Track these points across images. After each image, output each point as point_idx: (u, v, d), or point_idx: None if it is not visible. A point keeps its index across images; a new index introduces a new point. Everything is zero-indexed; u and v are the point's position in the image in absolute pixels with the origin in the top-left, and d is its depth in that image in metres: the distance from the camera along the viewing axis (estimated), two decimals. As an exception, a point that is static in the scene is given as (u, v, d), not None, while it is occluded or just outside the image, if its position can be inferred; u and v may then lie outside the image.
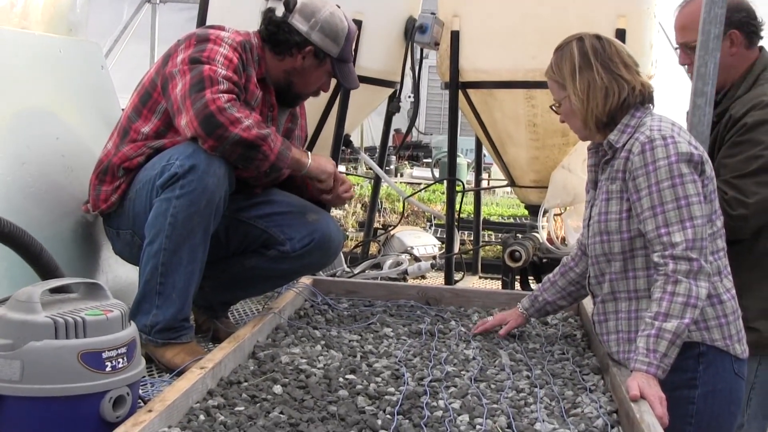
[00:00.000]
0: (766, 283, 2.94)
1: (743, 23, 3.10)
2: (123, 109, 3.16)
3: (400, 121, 8.56)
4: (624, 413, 2.21)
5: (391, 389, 2.37)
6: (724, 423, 2.48)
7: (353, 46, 3.21)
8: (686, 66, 3.22)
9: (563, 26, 4.37)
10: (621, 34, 4.24)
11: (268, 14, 3.12)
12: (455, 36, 4.48)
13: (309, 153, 3.05)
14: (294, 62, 3.11)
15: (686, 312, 2.26)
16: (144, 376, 2.69)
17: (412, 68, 4.77)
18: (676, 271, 2.29)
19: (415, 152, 15.62)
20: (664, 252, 2.32)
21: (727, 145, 3.02)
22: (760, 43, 3.16)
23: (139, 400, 2.20)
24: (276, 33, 3.08)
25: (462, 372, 2.59)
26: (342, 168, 11.08)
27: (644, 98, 2.52)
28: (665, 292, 2.29)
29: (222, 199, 2.84)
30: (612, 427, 2.16)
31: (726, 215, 2.90)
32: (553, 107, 2.67)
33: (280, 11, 3.10)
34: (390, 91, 4.95)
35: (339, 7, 3.20)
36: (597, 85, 2.47)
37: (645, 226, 2.38)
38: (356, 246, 5.76)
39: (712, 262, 2.40)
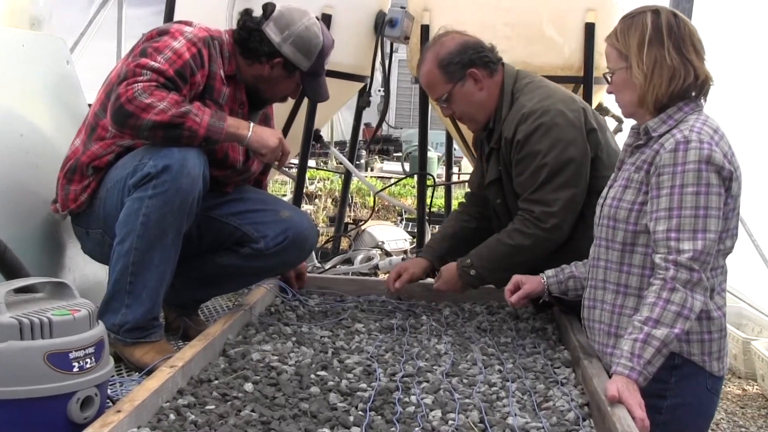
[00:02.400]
0: None
1: (475, 59, 3.16)
2: (90, 105, 3.11)
3: (370, 116, 8.53)
4: (595, 406, 2.22)
5: (363, 385, 2.36)
6: None
7: (326, 61, 3.16)
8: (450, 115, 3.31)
9: (533, 20, 4.42)
10: (590, 28, 4.26)
11: (244, 17, 3.08)
12: (425, 30, 4.47)
13: (251, 125, 2.92)
14: (262, 70, 3.06)
15: (677, 322, 2.19)
16: (113, 376, 2.67)
17: (383, 62, 4.76)
18: (675, 278, 2.22)
19: (385, 146, 15.62)
20: (668, 256, 2.25)
21: (513, 166, 3.11)
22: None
23: (109, 401, 2.17)
24: (247, 39, 3.03)
25: (434, 367, 2.59)
26: (312, 163, 11.06)
27: (701, 91, 2.41)
28: (660, 297, 2.22)
29: (195, 200, 2.80)
30: (583, 420, 2.16)
31: (542, 231, 3.01)
32: (606, 75, 2.53)
33: (256, 15, 3.07)
34: (360, 85, 4.94)
35: (319, 19, 3.15)
36: (666, 63, 2.34)
37: (656, 225, 2.30)
38: (327, 241, 5.75)
39: (709, 279, 2.32)
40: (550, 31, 4.34)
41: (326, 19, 4.28)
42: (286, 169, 4.74)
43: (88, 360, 1.97)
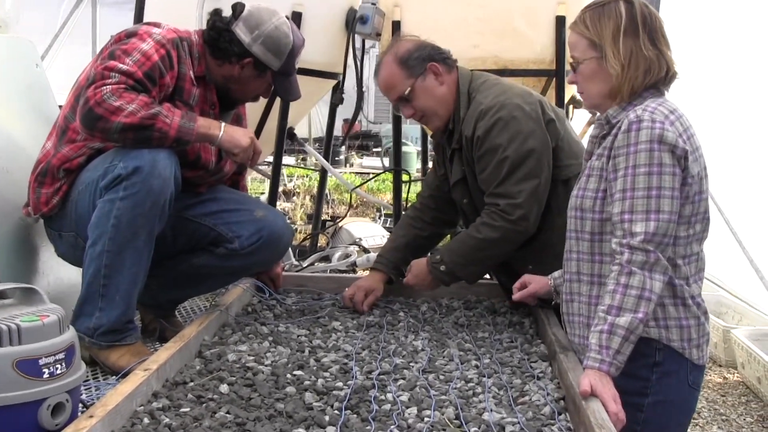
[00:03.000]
0: (557, 267, 2.84)
1: (434, 54, 3.20)
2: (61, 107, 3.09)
3: (349, 112, 8.48)
4: (571, 400, 2.22)
5: (340, 384, 2.36)
6: None
7: (297, 60, 3.15)
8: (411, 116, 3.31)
9: (504, 14, 4.43)
10: (561, 21, 4.26)
11: (213, 17, 3.07)
12: (396, 26, 4.46)
13: (223, 125, 2.93)
14: (232, 70, 3.05)
15: (640, 306, 2.17)
16: (88, 380, 2.66)
17: (354, 59, 4.75)
18: (631, 261, 2.20)
19: (364, 142, 15.58)
20: (622, 240, 2.23)
21: (476, 163, 3.12)
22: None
23: (82, 406, 2.15)
24: (217, 40, 3.02)
25: (411, 364, 2.59)
26: (291, 160, 11.03)
27: (667, 82, 2.39)
28: (618, 284, 2.20)
29: (167, 202, 2.78)
30: (559, 414, 2.16)
31: (509, 223, 3.01)
32: (572, 64, 2.47)
33: (226, 15, 3.05)
34: (333, 82, 4.93)
35: (289, 18, 3.14)
36: (642, 55, 2.30)
37: (613, 208, 2.29)
38: (304, 239, 5.73)
39: (680, 266, 2.31)
40: (521, 25, 4.35)
41: (296, 16, 4.27)
42: (263, 168, 4.73)
43: (59, 366, 1.95)
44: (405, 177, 4.98)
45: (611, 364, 2.15)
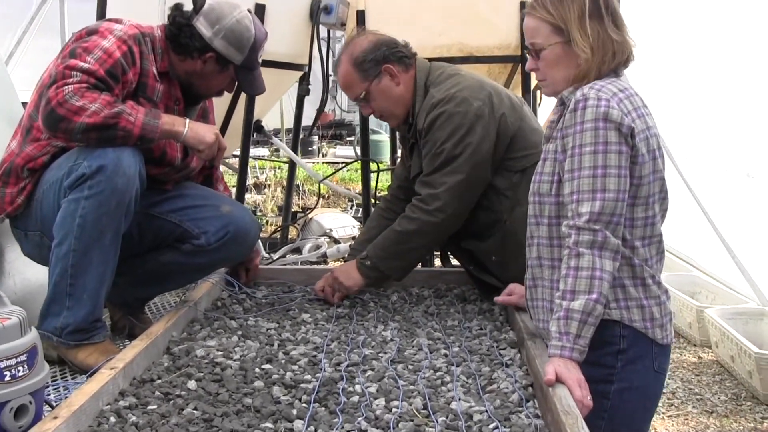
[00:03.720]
0: (521, 257, 2.79)
1: (389, 55, 3.20)
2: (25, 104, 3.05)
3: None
4: (538, 386, 2.22)
5: (308, 377, 2.36)
6: (638, 418, 2.43)
7: (260, 53, 3.13)
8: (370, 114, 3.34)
9: (468, 1, 4.42)
10: (525, 6, 4.26)
11: (174, 12, 3.04)
12: (361, 15, 4.46)
13: (188, 121, 2.89)
14: (194, 65, 3.03)
15: (593, 287, 2.16)
16: (56, 380, 2.65)
17: (320, 50, 4.74)
18: (578, 242, 2.19)
19: (338, 131, 15.54)
20: (570, 221, 2.22)
21: (423, 153, 3.15)
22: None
23: (48, 407, 2.14)
24: (178, 35, 2.99)
25: (380, 354, 2.59)
26: (264, 152, 10.99)
27: (626, 64, 2.37)
28: (569, 267, 2.19)
29: (132, 200, 2.76)
30: (527, 401, 2.17)
31: (424, 214, 3.05)
32: (533, 51, 2.40)
33: (187, 9, 3.03)
34: (300, 74, 4.91)
35: (251, 11, 3.12)
36: (609, 39, 2.28)
37: (564, 190, 2.28)
38: (275, 231, 5.72)
39: (638, 248, 2.29)
40: (485, 11, 4.35)
41: (260, 9, 4.25)
42: (231, 161, 4.71)
43: (21, 368, 1.94)
44: (374, 166, 4.97)
45: (573, 349, 2.15)
